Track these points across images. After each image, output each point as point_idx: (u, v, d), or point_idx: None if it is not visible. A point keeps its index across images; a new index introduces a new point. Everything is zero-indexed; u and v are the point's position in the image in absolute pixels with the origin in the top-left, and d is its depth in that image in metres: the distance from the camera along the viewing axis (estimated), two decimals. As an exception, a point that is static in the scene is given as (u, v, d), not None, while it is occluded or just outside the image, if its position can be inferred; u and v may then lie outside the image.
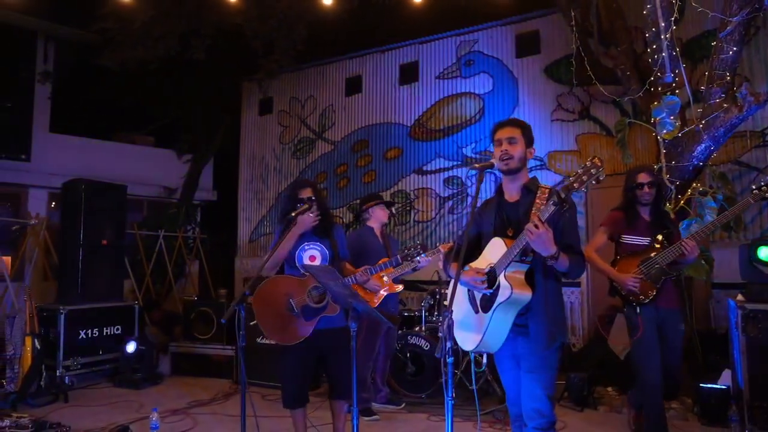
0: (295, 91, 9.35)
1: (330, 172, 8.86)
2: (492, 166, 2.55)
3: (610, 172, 6.60)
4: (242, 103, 9.92)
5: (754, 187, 3.33)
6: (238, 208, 9.81)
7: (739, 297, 4.06)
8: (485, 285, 2.45)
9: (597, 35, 5.74)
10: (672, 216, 4.05)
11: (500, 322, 2.45)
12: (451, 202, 7.76)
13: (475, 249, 2.75)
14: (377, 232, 4.54)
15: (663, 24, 4.51)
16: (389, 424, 4.21)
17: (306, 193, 3.34)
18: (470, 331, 2.59)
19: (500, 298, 2.39)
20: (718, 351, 4.90)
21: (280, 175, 9.37)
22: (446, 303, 2.56)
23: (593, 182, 2.24)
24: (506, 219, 2.60)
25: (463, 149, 7.73)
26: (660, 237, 3.41)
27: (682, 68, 4.64)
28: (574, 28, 5.85)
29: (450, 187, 7.79)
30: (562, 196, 2.25)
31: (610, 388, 4.71)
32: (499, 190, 2.72)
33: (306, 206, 3.25)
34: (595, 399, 4.55)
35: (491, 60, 7.61)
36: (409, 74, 8.27)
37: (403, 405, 4.61)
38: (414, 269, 4.02)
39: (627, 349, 4.11)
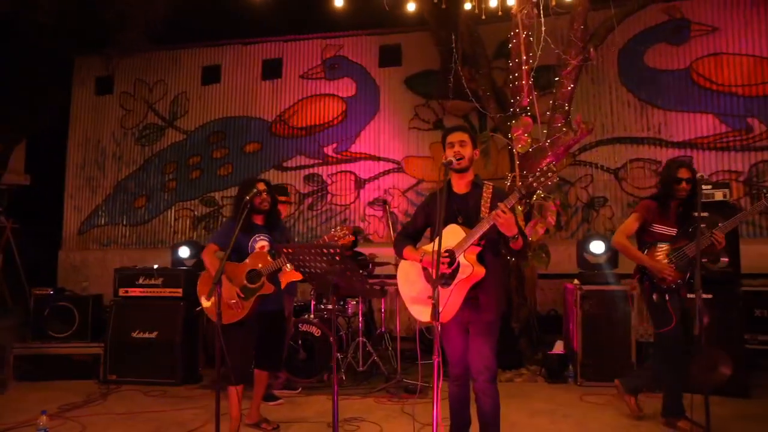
0: (142, 73, 8.70)
1: (181, 162, 8.45)
2: (451, 163, 2.99)
3: (458, 178, 7.60)
4: (74, 79, 8.87)
5: (765, 190, 3.49)
6: (65, 195, 8.75)
7: (576, 281, 5.14)
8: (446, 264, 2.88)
9: (460, 58, 6.58)
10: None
11: (456, 296, 2.90)
12: (310, 199, 8.03)
13: (420, 234, 3.21)
14: None
15: (524, 57, 5.46)
16: (295, 406, 4.37)
17: (261, 186, 3.57)
18: (428, 304, 2.99)
19: (461, 275, 2.84)
20: (544, 329, 6.09)
21: (121, 162, 8.63)
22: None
23: (548, 183, 2.80)
24: (456, 209, 3.06)
25: (325, 148, 8.07)
26: (690, 230, 3.45)
27: (535, 96, 5.65)
28: (440, 48, 6.67)
29: (310, 184, 8.06)
30: (524, 192, 2.80)
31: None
32: (448, 185, 3.18)
33: (261, 188, 3.52)
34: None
35: (355, 66, 8.09)
36: (272, 70, 8.33)
37: (299, 390, 4.80)
38: None
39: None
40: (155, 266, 5.23)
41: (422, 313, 3.01)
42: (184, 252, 5.90)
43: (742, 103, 6.83)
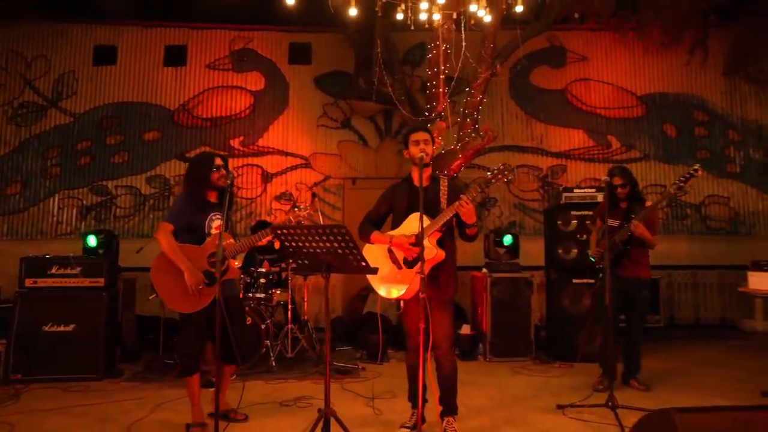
0: (18, 45, 7.86)
1: (67, 147, 7.78)
2: (422, 159, 3.36)
3: (365, 176, 8.02)
4: (-69, 44, 7.74)
5: (674, 182, 4.14)
6: None
7: (485, 270, 5.80)
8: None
9: (378, 62, 6.95)
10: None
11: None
12: (214, 191, 7.88)
13: (383, 221, 3.56)
14: None
15: (442, 67, 6.02)
16: (233, 392, 4.41)
17: (219, 162, 3.50)
18: (395, 283, 3.35)
19: (428, 256, 3.23)
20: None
21: (-11, 142, 7.71)
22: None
23: (505, 181, 3.29)
24: (417, 200, 3.44)
25: (231, 141, 7.99)
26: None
27: (448, 103, 6.24)
28: (356, 51, 7.01)
29: (215, 176, 7.90)
30: (483, 186, 3.25)
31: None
32: (409, 178, 3.56)
33: (219, 163, 3.50)
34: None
35: (265, 60, 8.11)
36: (175, 57, 8.03)
37: (234, 377, 4.83)
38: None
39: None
40: (71, 255, 4.90)
41: (391, 292, 3.36)
42: (92, 241, 5.57)
43: (604, 123, 8.11)
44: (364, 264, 2.83)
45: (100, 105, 7.89)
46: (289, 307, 5.43)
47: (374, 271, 2.92)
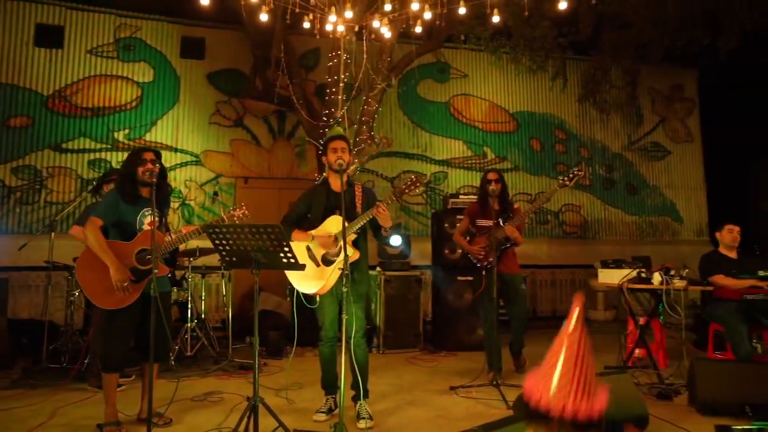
0: None
1: None
2: (342, 166, 3.63)
3: (257, 176, 8.07)
4: None
5: (560, 179, 4.57)
6: None
7: (378, 269, 6.20)
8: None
9: (273, 64, 7.06)
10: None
11: (336, 273, 3.57)
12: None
13: (302, 220, 3.79)
14: None
15: (342, 75, 6.33)
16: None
17: (148, 156, 3.47)
18: (313, 279, 3.61)
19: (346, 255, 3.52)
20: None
21: None
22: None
23: (417, 191, 3.69)
24: (335, 204, 3.72)
25: (115, 133, 7.60)
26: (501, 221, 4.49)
27: (346, 110, 6.56)
28: (255, 52, 7.07)
29: (95, 169, 7.48)
30: (398, 196, 3.62)
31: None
32: (325, 182, 3.83)
33: (148, 158, 3.47)
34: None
35: (154, 52, 7.82)
36: (50, 37, 7.44)
37: (133, 377, 4.72)
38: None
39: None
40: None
41: (309, 287, 3.62)
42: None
43: (481, 135, 8.97)
44: (293, 261, 3.05)
45: (-46, 84, 7.08)
46: (189, 306, 5.39)
47: (302, 267, 3.15)
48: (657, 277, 4.36)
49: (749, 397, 3.49)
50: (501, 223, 4.51)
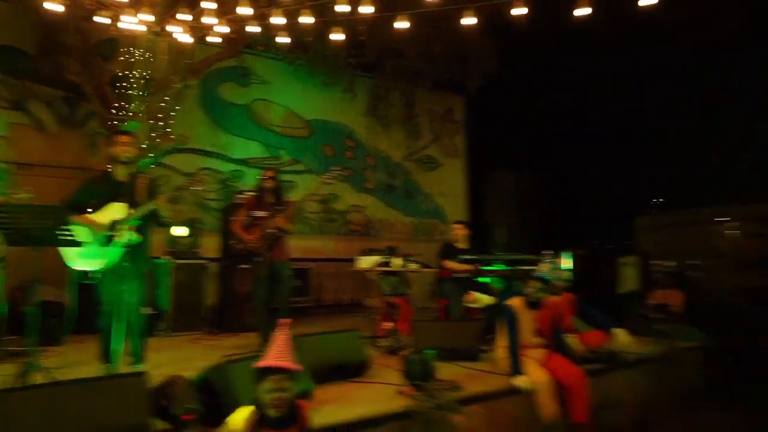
0: None
1: None
2: (125, 158, 4.04)
3: (41, 163, 7.74)
4: None
5: (322, 177, 5.12)
6: None
7: (169, 257, 6.55)
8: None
9: (65, 48, 6.90)
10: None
11: (118, 252, 3.99)
12: None
13: (85, 206, 4.12)
14: None
15: (138, 71, 6.55)
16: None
17: None
18: (95, 257, 3.97)
19: (126, 238, 3.96)
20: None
21: None
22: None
23: (197, 190, 4.27)
24: (119, 192, 4.11)
25: None
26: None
27: (143, 104, 6.77)
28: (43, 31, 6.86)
29: None
30: (184, 191, 4.17)
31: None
32: (109, 172, 4.22)
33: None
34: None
35: None
36: None
37: None
38: None
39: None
40: None
41: (91, 264, 3.99)
42: None
43: (278, 139, 9.72)
44: (71, 238, 3.44)
45: None
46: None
47: (79, 244, 3.54)
48: (396, 262, 5.53)
49: (444, 343, 4.74)
50: (274, 215, 5.07)
